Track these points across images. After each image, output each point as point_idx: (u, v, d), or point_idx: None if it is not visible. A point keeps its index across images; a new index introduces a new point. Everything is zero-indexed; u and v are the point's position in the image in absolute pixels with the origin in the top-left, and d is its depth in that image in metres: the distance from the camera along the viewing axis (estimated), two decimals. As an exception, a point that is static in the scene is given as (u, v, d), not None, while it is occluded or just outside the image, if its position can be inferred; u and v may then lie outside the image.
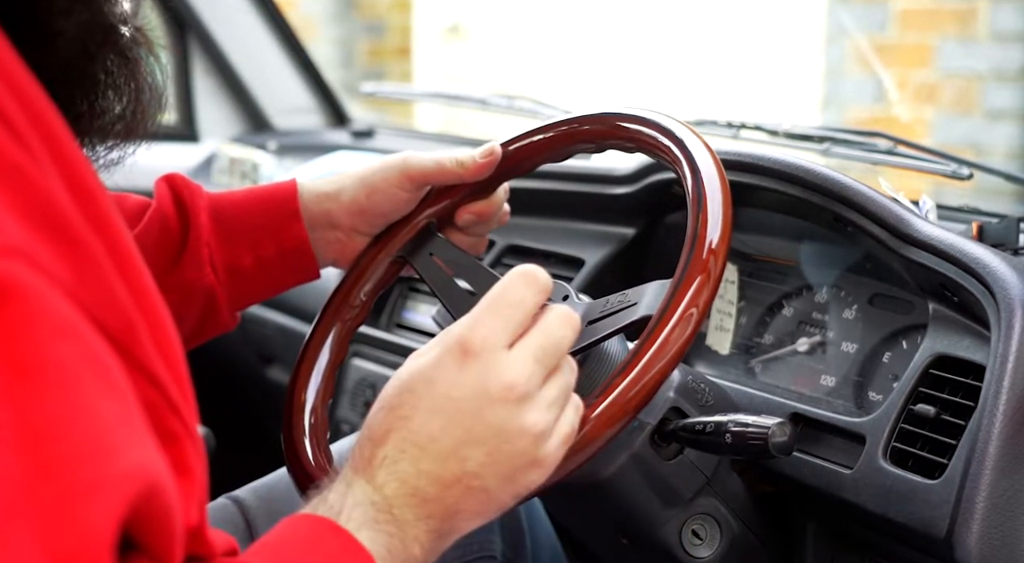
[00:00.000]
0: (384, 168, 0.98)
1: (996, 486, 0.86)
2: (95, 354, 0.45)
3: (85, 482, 0.42)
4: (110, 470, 0.43)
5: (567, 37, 4.37)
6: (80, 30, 0.62)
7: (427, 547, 0.69)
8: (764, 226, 1.19)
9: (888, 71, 3.36)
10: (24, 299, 0.42)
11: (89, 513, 0.42)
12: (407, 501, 0.68)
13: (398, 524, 0.67)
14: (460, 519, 0.70)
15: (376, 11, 4.89)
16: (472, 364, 0.69)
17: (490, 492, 0.70)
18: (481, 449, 0.69)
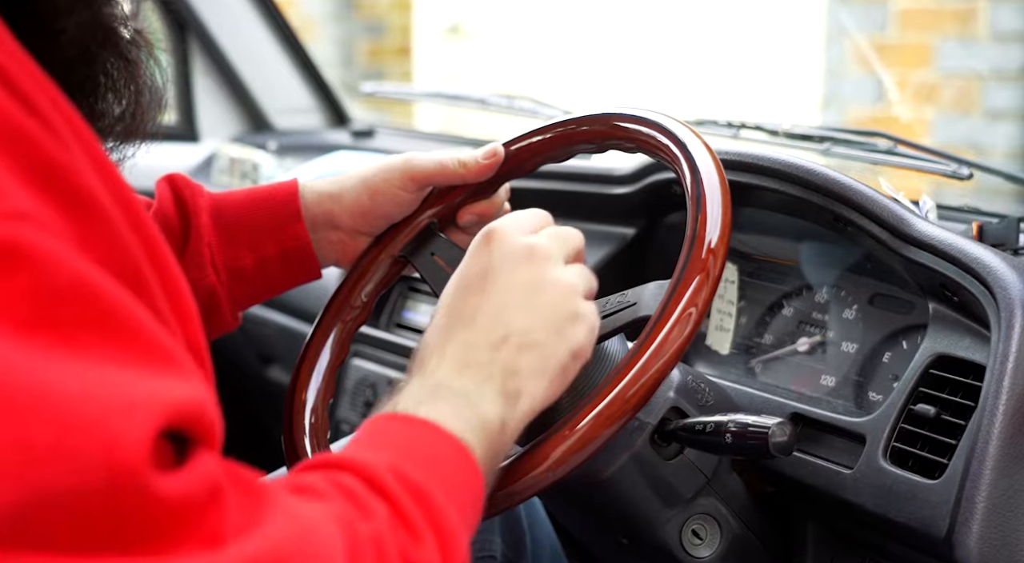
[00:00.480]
0: (386, 169, 0.98)
1: (996, 486, 0.86)
2: (111, 305, 0.45)
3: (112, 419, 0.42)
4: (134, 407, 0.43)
5: (567, 37, 4.37)
6: (81, 30, 0.62)
7: (500, 408, 0.71)
8: (764, 226, 1.19)
9: (888, 71, 3.36)
10: (32, 261, 0.42)
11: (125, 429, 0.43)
12: (460, 373, 0.71)
13: (457, 394, 0.70)
14: (522, 378, 0.72)
15: (376, 11, 4.89)
16: (495, 243, 0.77)
17: (543, 346, 0.73)
18: (520, 308, 0.74)
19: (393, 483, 0.61)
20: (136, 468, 0.42)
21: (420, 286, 1.53)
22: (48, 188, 0.45)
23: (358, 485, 0.60)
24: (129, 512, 0.42)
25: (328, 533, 0.54)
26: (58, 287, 0.43)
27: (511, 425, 0.72)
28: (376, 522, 0.58)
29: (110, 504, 0.41)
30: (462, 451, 0.67)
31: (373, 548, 0.57)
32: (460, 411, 0.69)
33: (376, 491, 0.61)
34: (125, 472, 0.42)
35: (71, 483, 0.41)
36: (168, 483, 0.43)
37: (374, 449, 0.65)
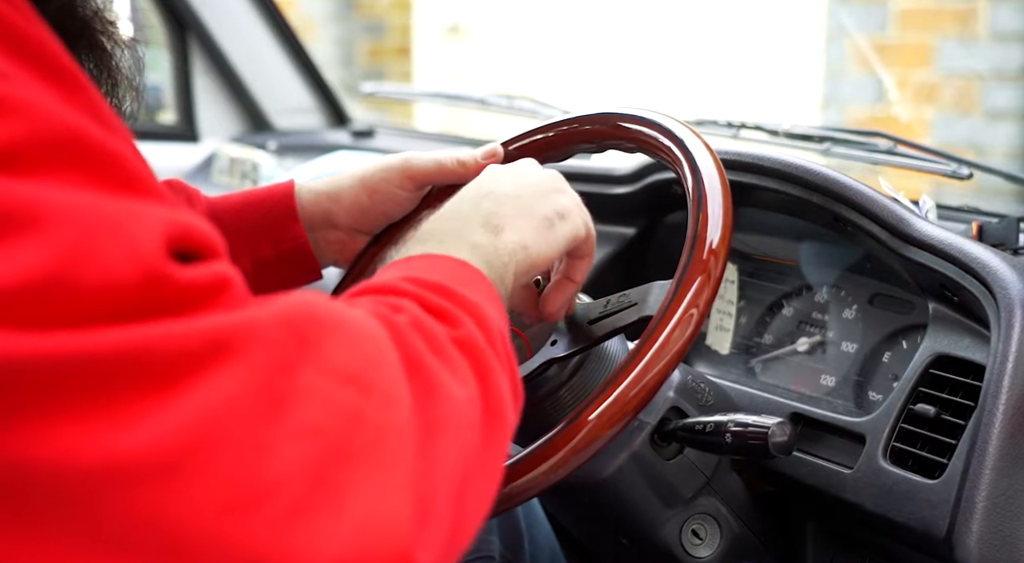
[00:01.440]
0: (385, 168, 0.98)
1: (996, 486, 0.86)
2: (104, 148, 0.45)
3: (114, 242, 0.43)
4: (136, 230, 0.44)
5: (567, 37, 4.37)
6: (58, 15, 0.62)
7: (487, 237, 0.73)
8: (764, 226, 1.19)
9: (888, 71, 3.36)
10: (21, 110, 0.43)
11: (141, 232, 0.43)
12: (442, 226, 0.74)
13: (442, 232, 0.73)
14: (504, 217, 0.75)
15: (376, 11, 4.89)
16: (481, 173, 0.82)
17: (522, 199, 0.77)
18: (506, 184, 0.79)
19: (411, 285, 0.62)
20: (156, 259, 0.43)
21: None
22: (27, 57, 0.45)
23: (378, 297, 0.61)
24: (152, 293, 0.43)
25: (363, 316, 0.53)
26: (54, 134, 0.43)
27: (503, 249, 0.73)
28: (409, 313, 0.59)
29: (135, 289, 0.42)
30: (462, 264, 0.69)
31: (416, 331, 0.57)
32: (445, 241, 0.71)
33: (398, 293, 0.61)
34: (147, 262, 0.43)
35: (101, 277, 0.42)
36: (187, 273, 0.44)
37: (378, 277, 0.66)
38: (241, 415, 0.43)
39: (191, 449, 0.42)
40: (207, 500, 0.42)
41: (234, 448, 0.43)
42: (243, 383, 0.44)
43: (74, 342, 0.40)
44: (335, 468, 0.45)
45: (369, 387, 0.49)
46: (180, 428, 0.42)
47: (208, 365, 0.43)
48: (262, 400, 0.44)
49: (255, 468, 0.43)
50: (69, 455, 0.40)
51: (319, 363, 0.47)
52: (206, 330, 0.44)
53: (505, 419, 0.61)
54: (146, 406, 0.41)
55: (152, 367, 0.42)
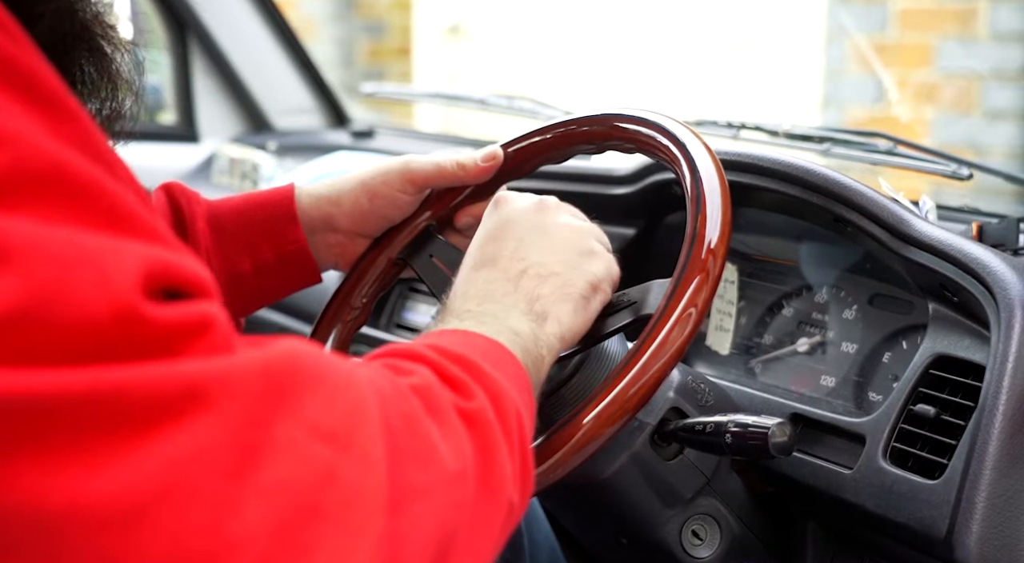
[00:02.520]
0: (386, 172, 0.98)
1: (996, 486, 0.86)
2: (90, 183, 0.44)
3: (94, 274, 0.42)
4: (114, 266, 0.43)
5: (567, 37, 4.37)
6: (58, 17, 0.62)
7: (529, 325, 0.74)
8: (764, 226, 1.19)
9: (888, 71, 3.36)
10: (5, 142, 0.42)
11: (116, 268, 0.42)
12: (484, 308, 0.74)
13: (484, 313, 0.73)
14: (546, 302, 0.77)
15: (376, 11, 4.89)
16: (506, 202, 0.85)
17: (560, 275, 0.79)
18: (536, 246, 0.80)
19: (431, 352, 0.62)
20: (130, 298, 0.42)
21: (419, 287, 1.53)
22: (14, 84, 0.44)
23: (394, 359, 0.60)
24: (125, 333, 0.42)
25: (349, 371, 0.51)
26: (35, 166, 0.42)
27: (543, 340, 0.74)
28: (419, 377, 0.58)
29: (107, 328, 0.41)
30: (497, 345, 0.69)
31: (417, 395, 0.55)
32: (486, 322, 0.72)
33: (415, 359, 0.60)
34: (120, 300, 0.42)
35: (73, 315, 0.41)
36: (164, 312, 0.43)
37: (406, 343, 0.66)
38: (210, 467, 0.42)
39: (156, 498, 0.41)
40: (167, 553, 0.41)
41: (200, 501, 0.42)
42: (215, 434, 0.43)
43: (43, 381, 0.40)
44: (302, 527, 0.44)
45: (346, 445, 0.47)
46: (147, 476, 0.41)
47: (181, 414, 0.42)
48: (234, 453, 0.43)
49: (219, 523, 0.42)
50: (32, 495, 0.39)
51: (296, 417, 0.46)
52: (180, 376, 0.43)
53: (502, 498, 0.59)
54: (114, 451, 0.41)
55: (122, 412, 0.41)
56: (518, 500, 0.61)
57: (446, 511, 0.53)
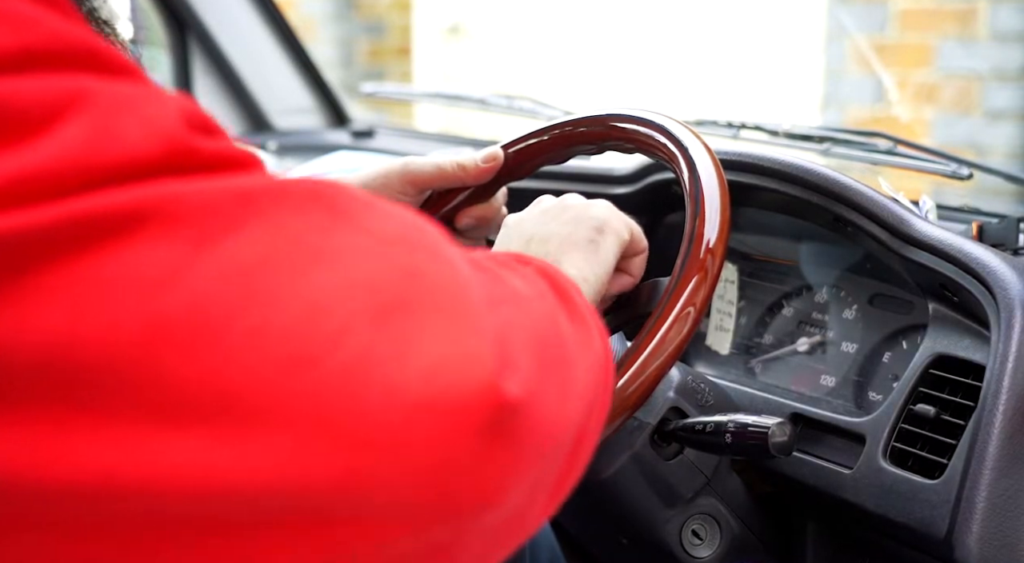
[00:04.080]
0: (386, 174, 0.98)
1: (996, 486, 0.86)
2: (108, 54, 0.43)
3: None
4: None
5: (567, 37, 4.37)
6: None
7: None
8: (764, 226, 1.19)
9: (888, 71, 3.36)
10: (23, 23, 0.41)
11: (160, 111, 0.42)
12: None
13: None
14: (556, 256, 0.78)
15: (376, 11, 4.89)
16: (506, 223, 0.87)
17: (562, 233, 0.80)
18: (535, 224, 0.82)
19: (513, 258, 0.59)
20: (177, 131, 0.42)
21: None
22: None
23: None
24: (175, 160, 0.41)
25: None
26: (67, 41, 0.42)
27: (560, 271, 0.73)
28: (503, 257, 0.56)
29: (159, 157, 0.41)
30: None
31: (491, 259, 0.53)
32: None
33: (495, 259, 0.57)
34: (172, 137, 0.41)
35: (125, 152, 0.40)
36: (211, 143, 0.43)
37: None
38: (282, 270, 0.41)
39: (235, 306, 0.39)
40: (262, 358, 0.39)
41: (282, 303, 0.40)
42: (279, 236, 0.41)
43: (92, 202, 0.38)
44: (399, 318, 0.42)
45: (417, 246, 0.45)
46: (220, 282, 0.39)
47: (241, 218, 0.41)
48: (301, 256, 0.41)
49: (309, 321, 0.40)
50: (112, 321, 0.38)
51: (357, 224, 0.44)
52: (231, 188, 0.41)
53: (592, 334, 0.56)
54: (178, 258, 0.39)
55: (177, 220, 0.40)
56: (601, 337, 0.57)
57: (539, 321, 0.50)
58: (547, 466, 0.47)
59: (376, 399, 0.40)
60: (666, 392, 0.94)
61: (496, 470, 0.42)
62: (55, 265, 0.38)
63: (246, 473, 0.39)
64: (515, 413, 0.43)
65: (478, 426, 0.41)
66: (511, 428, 0.43)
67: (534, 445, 0.44)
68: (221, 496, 0.39)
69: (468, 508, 0.42)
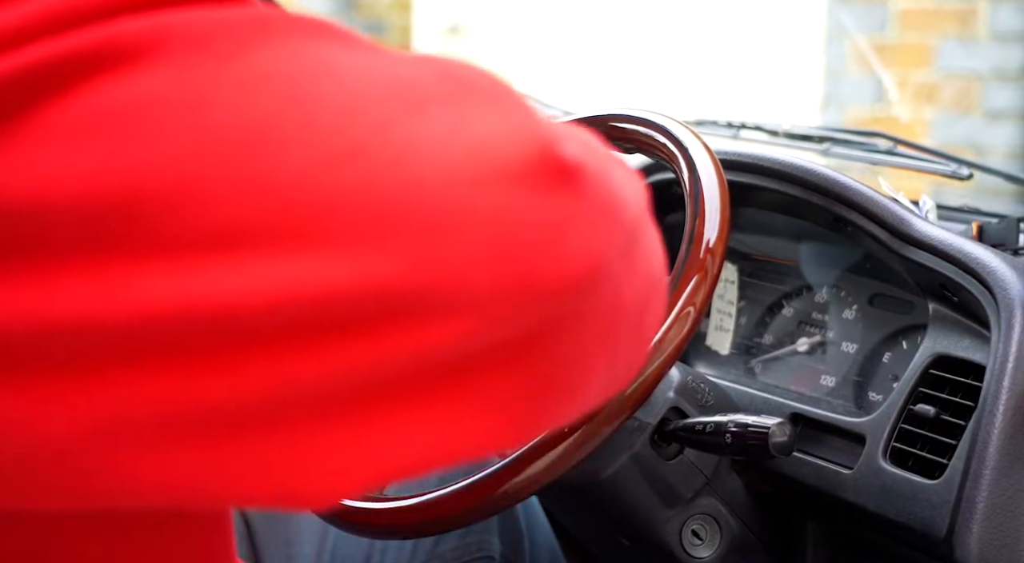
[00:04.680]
0: None
1: (996, 486, 0.86)
2: None
3: None
4: None
5: (567, 37, 4.38)
6: None
7: None
8: (764, 226, 1.19)
9: (888, 71, 3.36)
10: None
11: None
12: None
13: None
14: None
15: (376, 11, 4.89)
16: None
17: None
18: None
19: None
20: None
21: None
22: None
23: None
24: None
25: None
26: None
27: None
28: None
29: None
30: None
31: None
32: None
33: None
34: None
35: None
36: None
37: None
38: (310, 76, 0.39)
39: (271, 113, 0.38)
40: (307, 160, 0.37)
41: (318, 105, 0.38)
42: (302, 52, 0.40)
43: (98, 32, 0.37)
44: (438, 107, 0.40)
45: (446, 62, 0.43)
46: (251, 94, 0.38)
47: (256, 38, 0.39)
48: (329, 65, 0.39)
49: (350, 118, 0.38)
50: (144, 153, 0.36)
51: (375, 48, 0.42)
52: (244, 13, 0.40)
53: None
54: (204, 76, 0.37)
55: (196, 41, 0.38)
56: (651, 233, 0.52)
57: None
58: (619, 274, 0.44)
59: (431, 180, 0.38)
60: (666, 392, 0.94)
61: (570, 229, 0.40)
62: (67, 98, 0.36)
63: (311, 281, 0.37)
64: (576, 172, 0.41)
65: (542, 185, 0.39)
66: (576, 184, 0.40)
67: (603, 205, 0.42)
68: (291, 307, 0.37)
69: (553, 281, 0.40)
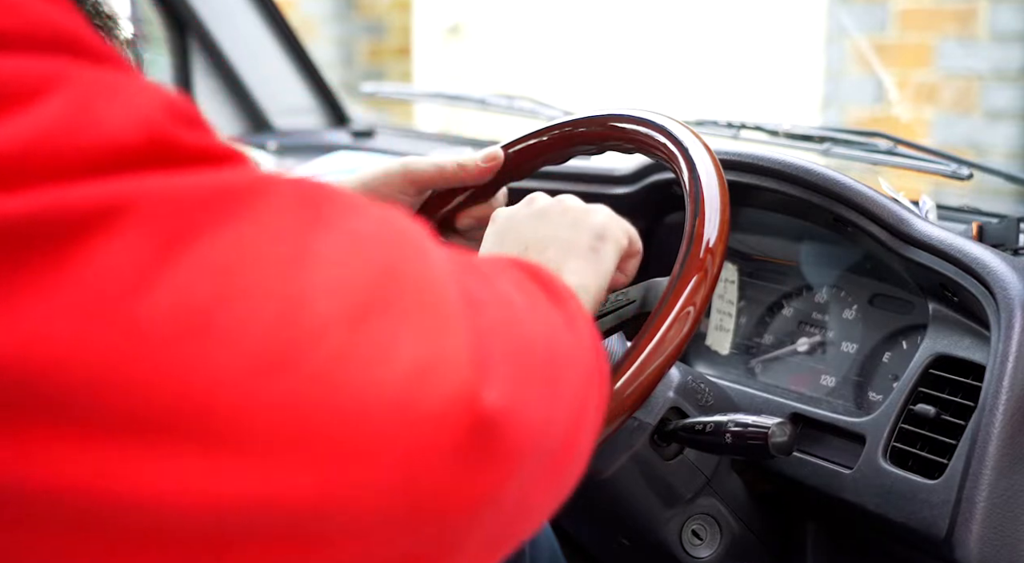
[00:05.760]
0: (385, 173, 0.98)
1: (996, 486, 0.86)
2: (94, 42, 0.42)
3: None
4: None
5: (567, 37, 4.37)
6: None
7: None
8: (764, 226, 1.19)
9: (888, 71, 3.36)
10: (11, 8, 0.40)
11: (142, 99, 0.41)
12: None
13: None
14: (556, 264, 0.76)
15: (376, 11, 4.89)
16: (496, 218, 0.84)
17: (560, 238, 0.78)
18: (532, 228, 0.80)
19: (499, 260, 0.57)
20: (160, 120, 0.41)
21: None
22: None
23: None
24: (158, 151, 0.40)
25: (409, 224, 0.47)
26: (51, 29, 0.41)
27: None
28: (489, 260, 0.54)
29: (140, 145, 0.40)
30: None
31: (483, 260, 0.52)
32: None
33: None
34: (153, 126, 0.40)
35: (105, 137, 0.39)
36: (194, 136, 0.42)
37: None
38: (262, 266, 0.40)
39: (210, 309, 0.38)
40: (237, 364, 0.38)
41: (258, 304, 0.39)
42: (258, 235, 0.40)
43: (63, 194, 0.37)
44: (377, 318, 0.41)
45: (397, 245, 0.44)
46: (197, 281, 0.38)
47: (220, 215, 0.40)
48: (282, 253, 0.40)
49: (289, 315, 0.39)
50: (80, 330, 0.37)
51: (336, 224, 0.43)
52: (211, 183, 0.40)
53: (585, 346, 0.54)
54: (162, 258, 0.38)
55: (153, 216, 0.38)
56: (599, 373, 0.56)
57: (526, 325, 0.49)
58: (533, 473, 0.46)
59: (351, 408, 0.39)
60: (666, 392, 0.94)
61: (472, 483, 0.42)
62: (19, 265, 0.37)
63: (219, 488, 0.38)
64: (493, 423, 0.42)
65: (454, 439, 0.41)
66: (489, 439, 0.42)
67: (515, 454, 0.44)
68: (195, 511, 0.38)
69: (445, 521, 0.42)
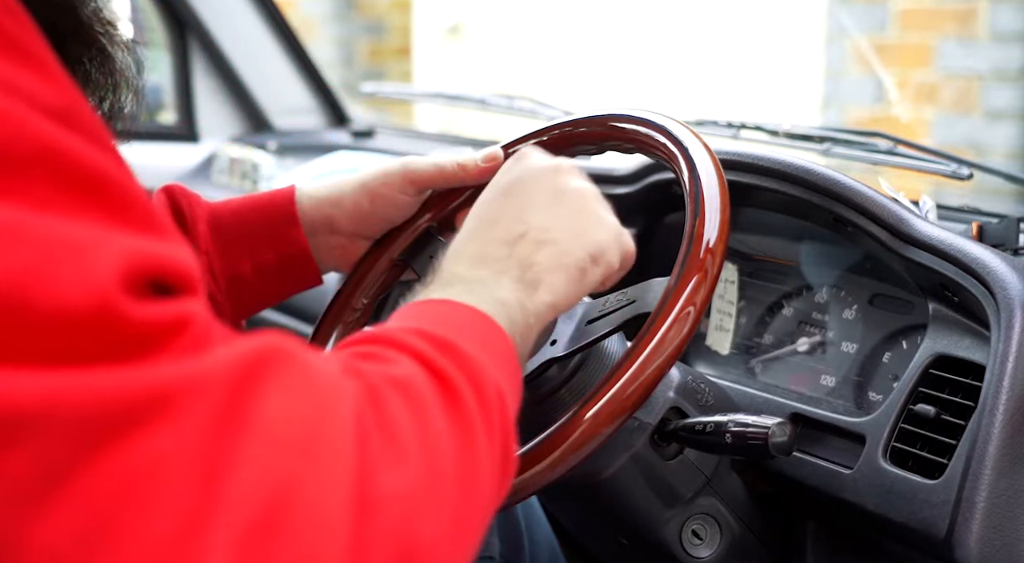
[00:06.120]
0: (386, 173, 0.98)
1: (996, 486, 0.86)
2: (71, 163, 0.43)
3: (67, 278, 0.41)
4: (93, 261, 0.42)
5: (567, 37, 4.37)
6: (57, 16, 0.62)
7: (517, 294, 0.71)
8: (764, 226, 1.19)
9: (888, 71, 3.36)
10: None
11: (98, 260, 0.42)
12: (476, 266, 0.71)
13: (471, 280, 0.70)
14: (540, 270, 0.73)
15: (376, 11, 4.89)
16: (524, 160, 0.81)
17: (560, 243, 0.75)
18: (542, 209, 0.76)
19: (415, 339, 0.59)
20: (111, 293, 0.41)
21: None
22: (13, 60, 0.43)
23: (376, 347, 0.58)
24: (100, 331, 0.41)
25: (329, 372, 0.49)
26: (28, 147, 0.41)
27: (531, 309, 0.71)
28: (400, 368, 0.56)
29: (83, 323, 0.41)
30: (482, 316, 0.66)
31: (397, 389, 0.54)
32: (474, 291, 0.69)
33: (398, 347, 0.58)
34: (100, 295, 0.41)
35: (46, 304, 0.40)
36: (143, 310, 0.42)
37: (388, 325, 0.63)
38: (171, 478, 0.41)
39: (117, 510, 0.40)
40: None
41: (162, 513, 0.41)
42: (176, 446, 0.42)
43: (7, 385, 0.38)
44: (266, 539, 0.43)
45: (310, 455, 0.46)
46: (107, 488, 0.40)
47: (142, 423, 0.41)
48: (193, 466, 0.42)
49: (183, 536, 0.41)
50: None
51: (259, 428, 0.44)
52: (148, 383, 0.42)
53: (480, 491, 0.57)
54: (72, 463, 0.39)
55: (84, 421, 0.40)
56: (497, 486, 0.60)
57: (418, 512, 0.51)
58: None
59: None
60: (666, 392, 0.94)
61: None
62: None
63: None
64: None
65: None
66: None
67: None
68: None
69: None
